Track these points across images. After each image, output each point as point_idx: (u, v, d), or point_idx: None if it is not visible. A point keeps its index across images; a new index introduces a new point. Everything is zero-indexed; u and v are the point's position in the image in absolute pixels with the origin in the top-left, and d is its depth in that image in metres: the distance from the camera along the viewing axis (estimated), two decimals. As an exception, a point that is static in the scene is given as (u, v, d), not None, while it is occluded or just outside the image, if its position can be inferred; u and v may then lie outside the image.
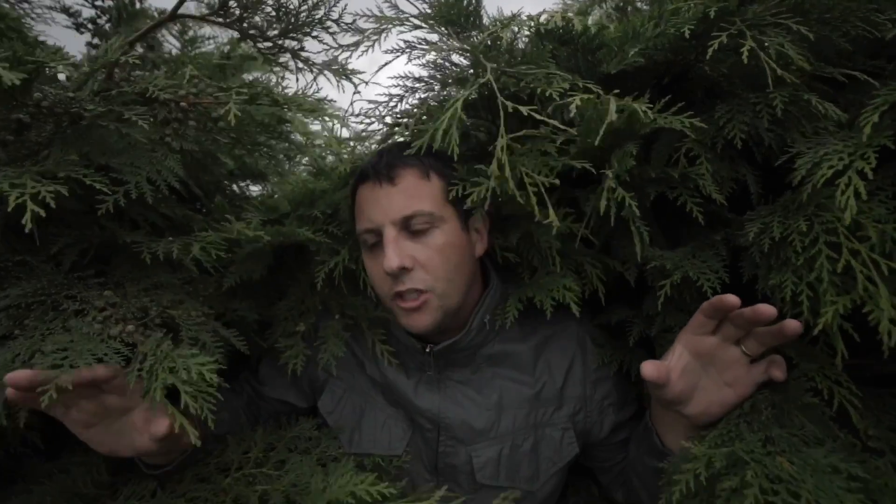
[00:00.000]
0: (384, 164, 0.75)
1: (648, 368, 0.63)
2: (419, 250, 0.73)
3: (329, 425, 0.89)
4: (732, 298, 0.59)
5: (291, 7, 0.74)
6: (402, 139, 0.90)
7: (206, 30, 1.08)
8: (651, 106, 0.65)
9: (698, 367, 0.65)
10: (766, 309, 0.57)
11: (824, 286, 0.53)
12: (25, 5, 0.96)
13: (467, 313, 0.81)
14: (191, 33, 1.06)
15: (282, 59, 0.83)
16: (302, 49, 0.81)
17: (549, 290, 0.77)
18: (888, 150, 0.55)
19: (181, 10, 0.77)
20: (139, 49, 0.99)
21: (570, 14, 0.79)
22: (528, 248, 0.83)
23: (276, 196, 1.02)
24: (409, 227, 0.74)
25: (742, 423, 0.61)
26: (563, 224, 0.76)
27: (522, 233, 0.81)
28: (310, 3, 0.75)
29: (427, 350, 0.82)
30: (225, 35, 1.12)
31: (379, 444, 0.85)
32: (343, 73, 0.82)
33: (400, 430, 0.85)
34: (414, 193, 0.74)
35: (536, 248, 0.82)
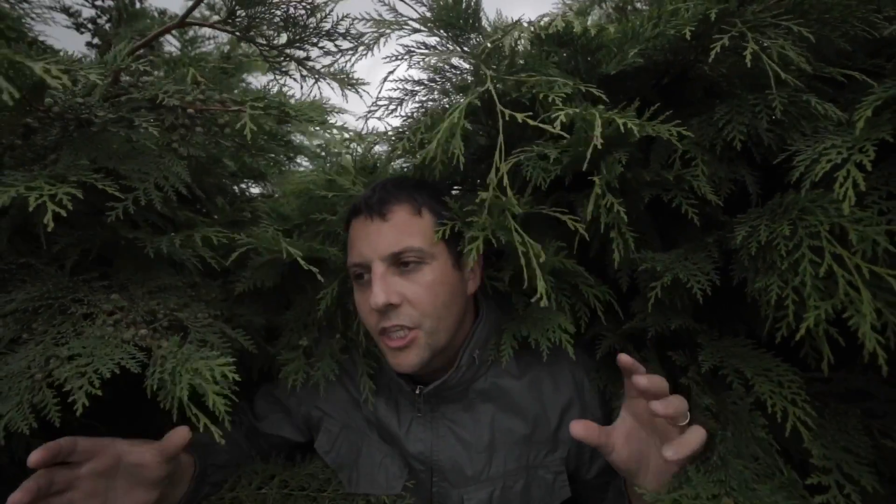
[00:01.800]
0: (376, 199, 0.75)
1: (577, 427, 0.62)
2: (407, 287, 0.73)
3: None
4: (624, 358, 0.58)
5: (299, 19, 0.74)
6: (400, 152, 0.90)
7: (206, 30, 1.08)
8: (638, 116, 0.65)
9: (644, 436, 0.64)
10: (640, 380, 0.56)
11: (808, 290, 0.54)
12: (25, 5, 0.95)
13: (456, 349, 0.81)
14: (191, 33, 1.05)
15: (286, 67, 0.83)
16: (308, 59, 0.81)
17: (544, 329, 0.76)
18: (884, 149, 0.55)
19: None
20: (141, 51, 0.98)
21: (569, 14, 0.79)
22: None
23: (276, 196, 1.02)
24: (399, 264, 0.73)
25: (692, 466, 0.60)
26: (556, 259, 0.75)
27: (515, 270, 0.79)
28: (318, 16, 0.75)
29: (417, 392, 0.81)
30: (224, 35, 1.12)
31: (377, 485, 0.84)
32: (348, 83, 0.82)
33: (396, 469, 0.84)
34: (405, 230, 0.74)
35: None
